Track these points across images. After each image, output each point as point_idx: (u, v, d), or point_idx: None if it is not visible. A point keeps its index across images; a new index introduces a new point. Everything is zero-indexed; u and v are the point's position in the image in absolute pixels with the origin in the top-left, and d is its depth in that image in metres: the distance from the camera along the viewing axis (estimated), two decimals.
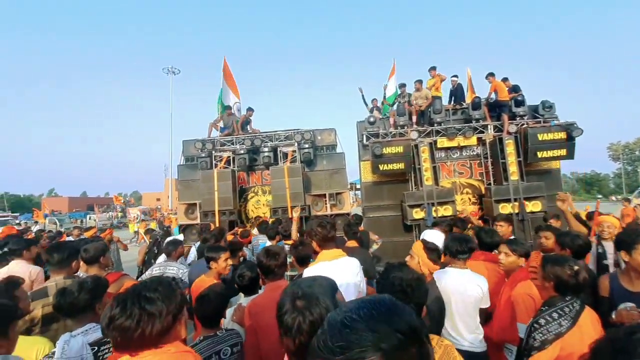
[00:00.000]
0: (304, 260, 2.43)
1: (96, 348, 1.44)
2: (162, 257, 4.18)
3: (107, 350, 1.44)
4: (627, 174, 42.79)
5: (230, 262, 2.77)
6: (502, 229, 3.68)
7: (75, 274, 2.19)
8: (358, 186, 13.77)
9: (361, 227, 5.36)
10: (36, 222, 22.54)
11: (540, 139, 7.23)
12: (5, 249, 3.17)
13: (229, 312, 2.02)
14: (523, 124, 7.62)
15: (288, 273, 3.36)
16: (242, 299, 2.14)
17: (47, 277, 3.39)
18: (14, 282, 1.70)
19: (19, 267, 3.14)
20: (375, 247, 5.47)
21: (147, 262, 6.75)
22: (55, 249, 2.09)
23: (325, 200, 8.22)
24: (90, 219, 29.11)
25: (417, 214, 7.35)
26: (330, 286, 1.13)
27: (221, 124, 9.02)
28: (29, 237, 5.08)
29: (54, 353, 1.39)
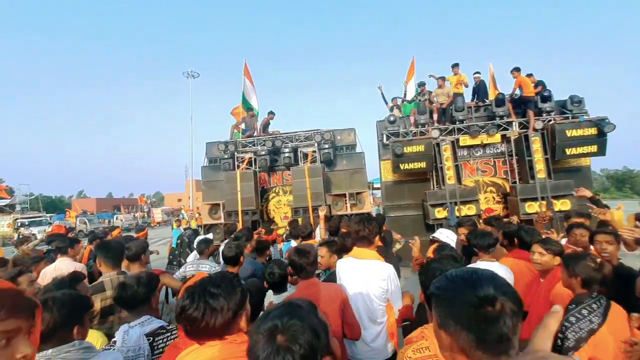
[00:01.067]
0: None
1: (152, 339, 1.55)
2: (192, 256, 4.36)
3: (161, 341, 1.55)
4: None
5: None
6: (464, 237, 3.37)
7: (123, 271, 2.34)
8: (376, 185, 13.73)
9: (384, 227, 5.37)
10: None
11: (568, 135, 6.99)
12: (52, 247, 3.39)
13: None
14: (550, 120, 7.38)
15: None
16: (272, 297, 2.21)
17: (89, 274, 3.62)
18: (77, 278, 1.86)
19: (64, 264, 3.36)
20: (398, 246, 5.47)
21: (170, 261, 7.01)
22: (106, 249, 2.25)
23: (345, 200, 8.25)
24: (117, 219, 30.35)
25: (440, 213, 7.27)
26: (309, 304, 0.95)
27: (243, 126, 9.23)
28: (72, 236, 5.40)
29: (114, 342, 1.52)
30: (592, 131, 6.95)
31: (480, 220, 7.61)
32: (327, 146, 8.29)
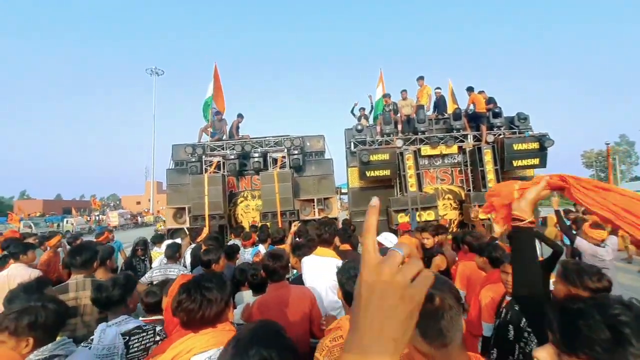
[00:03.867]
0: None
1: (127, 338, 1.62)
2: (157, 261, 4.30)
3: (136, 340, 1.62)
4: (600, 180, 45.13)
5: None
6: (427, 241, 3.68)
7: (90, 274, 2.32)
8: (344, 190, 14.10)
9: (348, 246, 5.63)
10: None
11: (515, 148, 7.74)
12: (6, 252, 3.22)
13: (237, 310, 2.21)
14: (500, 135, 8.13)
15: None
16: (250, 299, 2.33)
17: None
18: (43, 282, 1.85)
19: (18, 270, 3.20)
20: (361, 249, 5.77)
21: (127, 266, 6.65)
22: (78, 252, 2.23)
23: (314, 205, 8.45)
24: (67, 222, 28.06)
25: (402, 218, 7.68)
26: (275, 332, 0.94)
27: (211, 129, 9.13)
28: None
29: (92, 340, 1.57)
30: (535, 145, 7.76)
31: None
32: (296, 152, 8.45)
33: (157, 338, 1.69)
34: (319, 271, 2.42)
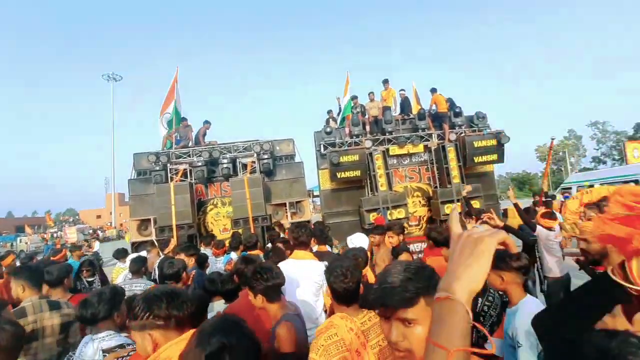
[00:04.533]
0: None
1: (107, 354, 1.56)
2: (122, 277, 4.05)
3: None
4: (553, 172, 48.75)
5: None
6: (392, 239, 3.71)
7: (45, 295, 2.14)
8: (315, 193, 14.14)
9: (326, 247, 5.65)
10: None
11: (475, 145, 8.17)
12: None
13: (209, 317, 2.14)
14: (461, 133, 8.55)
15: None
16: (222, 306, 2.25)
17: None
18: (0, 304, 1.72)
19: None
20: (336, 250, 5.81)
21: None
22: (30, 270, 2.05)
23: (286, 209, 8.39)
24: (21, 241, 25.74)
25: (374, 217, 7.83)
26: (234, 322, 0.99)
27: (177, 136, 8.78)
28: None
29: (74, 353, 1.55)
30: (493, 142, 8.25)
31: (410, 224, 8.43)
32: (266, 156, 8.35)
33: None
34: (298, 276, 2.39)
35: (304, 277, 2.39)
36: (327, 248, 3.51)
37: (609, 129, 49.22)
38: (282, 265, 2.50)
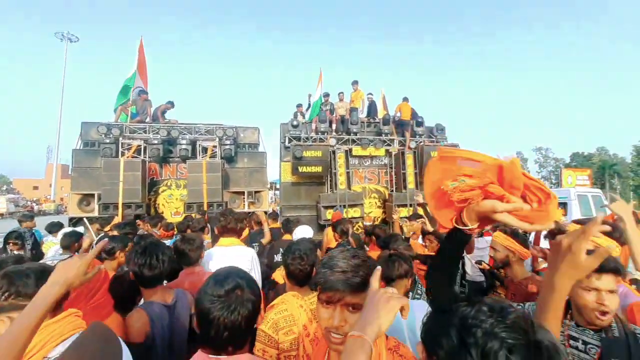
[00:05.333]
0: None
1: None
2: (52, 250, 3.75)
3: None
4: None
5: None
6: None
7: None
8: (277, 186, 14.05)
9: (278, 224, 5.64)
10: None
11: (432, 155, 8.60)
12: None
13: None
14: (421, 142, 8.99)
15: None
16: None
17: None
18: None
19: None
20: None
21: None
22: None
23: (244, 198, 8.26)
24: None
25: (330, 214, 7.97)
26: (243, 271, 1.15)
27: (133, 109, 8.23)
28: None
29: None
30: None
31: (364, 223, 8.66)
32: (228, 142, 8.14)
33: None
34: (226, 263, 2.38)
35: (233, 262, 2.38)
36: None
37: (550, 155, 54.39)
38: (208, 253, 2.51)
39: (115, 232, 3.27)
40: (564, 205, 10.22)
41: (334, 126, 8.93)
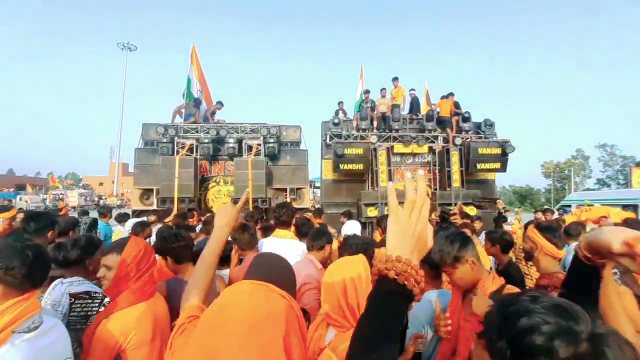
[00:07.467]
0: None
1: (73, 299, 1.65)
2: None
3: (79, 305, 1.65)
4: (556, 190, 48.56)
5: None
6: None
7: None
8: (317, 184, 14.26)
9: (319, 220, 5.77)
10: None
11: (480, 152, 8.22)
12: None
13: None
14: (467, 138, 8.59)
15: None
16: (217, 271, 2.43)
17: None
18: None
19: None
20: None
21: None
22: (33, 218, 2.17)
23: (286, 195, 8.52)
24: (21, 199, 26.10)
25: (371, 212, 7.95)
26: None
27: (185, 111, 8.88)
28: None
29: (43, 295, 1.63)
30: (498, 151, 8.29)
31: None
32: (272, 140, 8.44)
33: (102, 309, 1.67)
34: (278, 252, 2.52)
35: (283, 254, 2.49)
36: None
37: (617, 152, 48.70)
38: (263, 241, 2.66)
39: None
40: (634, 207, 9.17)
41: (375, 123, 8.86)
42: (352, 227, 3.58)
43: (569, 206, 11.90)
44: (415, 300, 0.57)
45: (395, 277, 0.55)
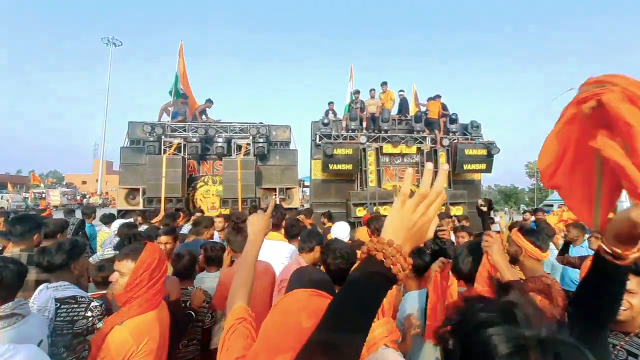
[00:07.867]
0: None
1: (59, 304, 1.63)
2: (108, 240, 4.13)
3: (65, 310, 1.62)
4: (540, 189, 49.84)
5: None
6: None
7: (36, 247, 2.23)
8: (306, 183, 14.27)
9: (310, 220, 5.79)
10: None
11: (466, 153, 8.39)
12: None
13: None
14: (454, 140, 8.75)
15: None
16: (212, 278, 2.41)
17: None
18: None
19: None
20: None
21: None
22: (19, 221, 2.12)
23: (275, 194, 8.50)
24: (2, 198, 25.18)
25: (360, 212, 8.01)
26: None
27: (172, 109, 8.75)
28: None
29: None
30: (483, 152, 8.47)
31: None
32: (261, 140, 8.41)
33: (89, 313, 1.67)
34: (266, 253, 2.50)
35: (272, 256, 2.49)
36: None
37: None
38: None
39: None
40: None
41: (364, 124, 8.92)
42: (341, 229, 3.61)
43: (551, 205, 12.28)
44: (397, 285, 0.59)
45: (383, 259, 0.55)
